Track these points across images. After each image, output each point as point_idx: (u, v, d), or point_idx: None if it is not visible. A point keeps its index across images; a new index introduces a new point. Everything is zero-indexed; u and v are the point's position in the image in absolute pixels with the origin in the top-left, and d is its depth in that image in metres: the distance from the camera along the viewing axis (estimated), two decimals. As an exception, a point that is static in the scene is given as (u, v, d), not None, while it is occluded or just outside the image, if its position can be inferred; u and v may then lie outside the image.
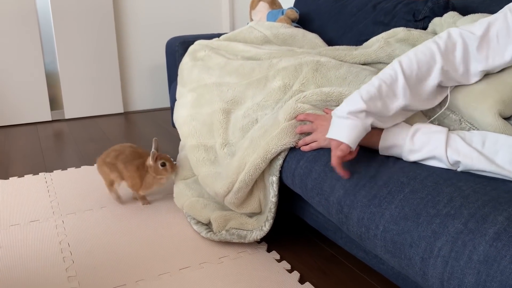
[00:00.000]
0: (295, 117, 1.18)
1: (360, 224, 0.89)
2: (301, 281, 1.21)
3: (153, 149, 1.54)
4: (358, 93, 0.93)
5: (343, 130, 0.91)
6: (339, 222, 0.97)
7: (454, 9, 1.48)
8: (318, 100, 1.20)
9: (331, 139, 0.93)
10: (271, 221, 1.28)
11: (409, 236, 0.76)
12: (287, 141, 1.17)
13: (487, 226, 0.66)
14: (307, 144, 1.13)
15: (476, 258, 0.65)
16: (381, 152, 0.98)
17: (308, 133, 1.15)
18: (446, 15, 1.35)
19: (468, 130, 0.92)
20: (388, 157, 0.97)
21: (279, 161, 1.20)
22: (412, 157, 0.91)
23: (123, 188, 1.69)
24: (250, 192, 1.31)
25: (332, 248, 1.38)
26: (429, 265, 0.72)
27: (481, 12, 1.42)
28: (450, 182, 0.79)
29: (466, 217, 0.70)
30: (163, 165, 1.54)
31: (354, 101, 0.91)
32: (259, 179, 1.29)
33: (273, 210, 1.26)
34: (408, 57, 0.94)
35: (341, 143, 0.91)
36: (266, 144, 1.19)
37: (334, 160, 0.92)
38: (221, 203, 1.44)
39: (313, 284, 1.19)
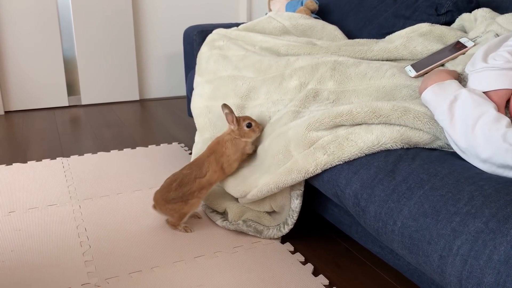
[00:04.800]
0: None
1: (378, 219, 0.89)
2: (315, 273, 1.22)
3: (226, 111, 1.36)
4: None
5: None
6: (356, 215, 0.97)
7: (478, 4, 1.45)
8: (331, 122, 1.09)
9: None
10: (291, 226, 1.30)
11: (428, 233, 0.76)
12: (299, 176, 1.12)
13: (509, 226, 0.65)
14: None
15: (496, 258, 0.64)
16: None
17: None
18: (478, 11, 1.32)
19: None
20: (406, 150, 0.96)
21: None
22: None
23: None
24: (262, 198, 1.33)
25: (347, 242, 1.38)
26: (447, 263, 0.71)
27: (506, 7, 1.39)
28: (472, 181, 0.78)
29: (487, 216, 0.69)
30: (249, 125, 1.36)
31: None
32: None
33: (294, 217, 1.28)
34: None
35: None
36: (278, 176, 1.17)
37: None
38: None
39: (326, 277, 1.20)
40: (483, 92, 0.91)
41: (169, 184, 1.36)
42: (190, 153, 2.05)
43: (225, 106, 1.36)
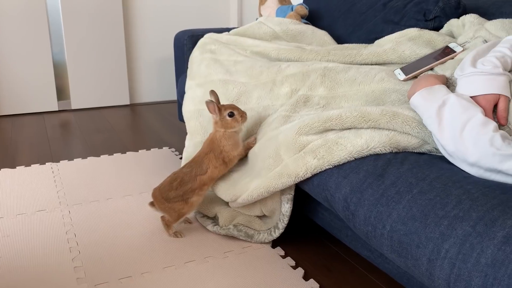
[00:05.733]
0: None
1: (367, 223, 0.89)
2: (305, 277, 1.22)
3: (209, 99, 1.30)
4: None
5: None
6: (346, 219, 0.97)
7: (465, 10, 1.47)
8: (320, 126, 1.09)
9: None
10: (281, 230, 1.30)
11: (417, 236, 0.77)
12: (290, 180, 1.13)
13: (496, 229, 0.66)
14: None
15: (483, 261, 0.65)
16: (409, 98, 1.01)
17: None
18: (466, 17, 1.33)
19: None
20: (395, 154, 0.97)
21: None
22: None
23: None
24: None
25: (337, 246, 1.38)
26: (436, 267, 0.72)
27: (492, 12, 1.41)
28: (459, 185, 0.79)
29: (474, 219, 0.70)
30: (231, 115, 1.30)
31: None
32: None
33: (285, 221, 1.28)
34: None
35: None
36: (268, 181, 1.17)
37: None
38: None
39: (317, 281, 1.20)
40: (472, 97, 0.93)
41: (169, 182, 1.34)
42: (181, 158, 2.05)
43: (211, 92, 1.32)
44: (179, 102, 2.02)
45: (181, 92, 1.90)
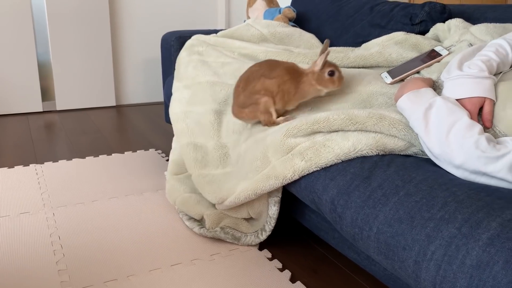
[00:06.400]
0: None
1: (354, 225, 0.89)
2: (292, 280, 1.22)
3: (322, 52, 1.20)
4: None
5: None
6: (333, 221, 0.97)
7: (450, 14, 1.49)
8: (308, 129, 1.09)
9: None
10: (268, 233, 1.30)
11: (403, 238, 0.77)
12: (277, 182, 1.12)
13: (481, 231, 0.67)
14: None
15: (469, 262, 0.66)
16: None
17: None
18: (451, 21, 1.35)
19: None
20: (381, 157, 0.98)
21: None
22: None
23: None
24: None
25: (324, 248, 1.39)
26: (422, 268, 0.73)
27: (477, 17, 1.43)
28: (445, 187, 0.80)
29: (460, 221, 0.71)
30: (331, 73, 1.20)
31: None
32: None
33: (272, 223, 1.28)
34: None
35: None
36: (255, 183, 1.16)
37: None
38: (214, 200, 1.44)
39: (304, 283, 1.20)
40: (458, 99, 0.94)
41: (237, 87, 1.28)
42: (167, 160, 2.04)
43: (327, 41, 1.21)
44: (166, 103, 2.00)
45: (168, 94, 1.89)
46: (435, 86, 1.09)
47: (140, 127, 2.64)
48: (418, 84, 1.01)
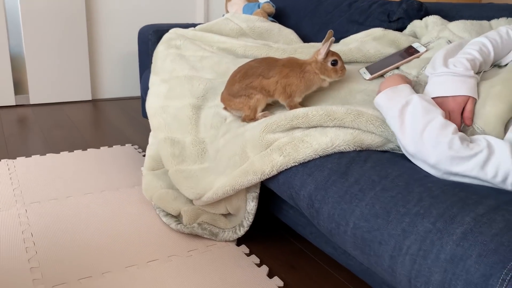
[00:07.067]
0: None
1: (331, 220, 0.90)
2: (270, 275, 1.22)
3: (326, 41, 1.19)
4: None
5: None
6: (311, 216, 0.97)
7: (427, 12, 1.51)
8: (287, 124, 1.10)
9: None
10: (246, 228, 1.29)
11: (379, 233, 0.78)
12: (255, 178, 1.12)
13: (455, 226, 0.68)
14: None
15: (443, 257, 0.66)
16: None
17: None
18: (429, 18, 1.37)
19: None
20: (358, 153, 0.98)
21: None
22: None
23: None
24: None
25: (302, 243, 1.39)
26: (397, 263, 0.73)
27: (452, 15, 1.45)
28: (421, 183, 0.81)
29: (435, 216, 0.72)
30: (334, 63, 1.20)
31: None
32: None
33: (250, 219, 1.27)
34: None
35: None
36: (234, 178, 1.16)
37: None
38: (191, 196, 1.43)
39: (281, 278, 1.20)
40: (442, 97, 0.95)
41: (233, 76, 1.29)
42: (144, 155, 2.01)
43: (330, 32, 1.18)
44: (143, 98, 1.97)
45: (145, 88, 1.86)
46: (415, 83, 1.10)
47: (116, 122, 2.59)
48: (396, 80, 1.02)
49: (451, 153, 0.81)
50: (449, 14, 1.47)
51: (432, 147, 0.84)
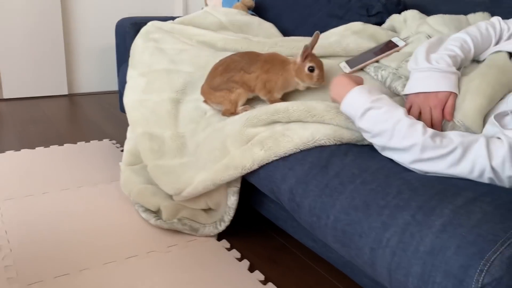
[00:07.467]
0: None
1: (312, 213, 0.90)
2: (251, 269, 1.21)
3: (307, 44, 1.16)
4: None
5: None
6: (292, 210, 0.97)
7: (405, 7, 1.52)
8: (268, 119, 1.09)
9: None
10: (227, 223, 1.28)
11: (359, 226, 0.78)
12: (236, 172, 1.11)
13: (434, 218, 0.69)
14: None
15: (422, 249, 0.67)
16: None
17: None
18: (407, 13, 1.38)
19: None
20: (339, 147, 0.99)
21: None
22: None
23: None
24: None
25: (283, 238, 1.39)
26: (377, 255, 0.74)
27: (431, 10, 1.47)
28: (400, 176, 0.81)
29: (414, 209, 0.72)
30: (311, 69, 1.16)
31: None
32: None
33: (231, 214, 1.27)
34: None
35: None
36: (214, 173, 1.14)
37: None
38: (171, 191, 1.41)
39: (262, 273, 1.20)
40: (425, 92, 0.95)
41: (215, 69, 1.28)
42: (122, 150, 1.98)
43: (316, 34, 1.17)
44: (121, 92, 1.94)
45: (122, 82, 1.83)
46: (395, 77, 1.11)
47: (93, 117, 2.55)
48: (345, 86, 0.98)
49: (424, 155, 0.81)
50: (427, 9, 1.49)
51: (403, 152, 0.84)
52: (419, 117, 0.96)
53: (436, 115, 0.93)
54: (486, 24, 1.05)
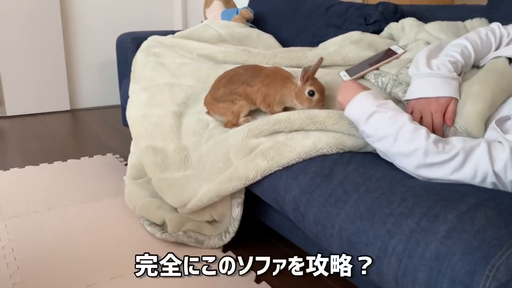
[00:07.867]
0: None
1: (317, 223, 0.90)
2: (257, 280, 1.21)
3: (306, 66, 1.17)
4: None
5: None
6: (296, 220, 0.98)
7: (402, 14, 1.54)
8: (270, 129, 1.10)
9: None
10: (232, 235, 1.29)
11: (365, 235, 0.78)
12: (240, 183, 1.12)
13: (439, 224, 0.69)
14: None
15: (428, 255, 0.67)
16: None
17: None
18: (405, 21, 1.40)
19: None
20: (341, 155, 0.99)
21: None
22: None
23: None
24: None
25: (288, 247, 1.39)
26: (383, 263, 0.74)
27: (427, 17, 1.48)
28: (403, 183, 0.82)
29: (418, 216, 0.73)
30: (311, 94, 1.15)
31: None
32: None
33: (236, 225, 1.27)
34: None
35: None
36: (218, 185, 1.15)
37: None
38: (175, 204, 1.42)
39: (268, 283, 1.20)
40: (426, 98, 0.96)
41: (218, 81, 1.30)
42: (126, 164, 1.99)
43: (320, 60, 1.19)
44: (123, 106, 1.96)
45: (124, 96, 1.85)
46: (395, 84, 1.12)
47: (96, 131, 2.56)
48: (353, 89, 1.00)
49: (427, 161, 0.82)
50: (424, 16, 1.50)
51: (406, 157, 0.85)
52: (420, 122, 0.97)
53: (437, 120, 0.94)
54: (486, 30, 1.06)
